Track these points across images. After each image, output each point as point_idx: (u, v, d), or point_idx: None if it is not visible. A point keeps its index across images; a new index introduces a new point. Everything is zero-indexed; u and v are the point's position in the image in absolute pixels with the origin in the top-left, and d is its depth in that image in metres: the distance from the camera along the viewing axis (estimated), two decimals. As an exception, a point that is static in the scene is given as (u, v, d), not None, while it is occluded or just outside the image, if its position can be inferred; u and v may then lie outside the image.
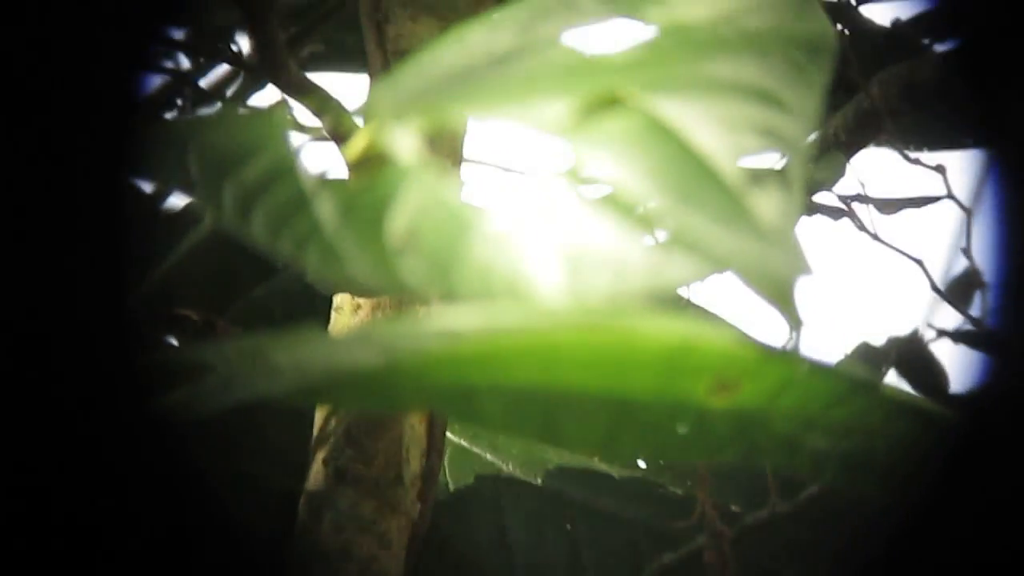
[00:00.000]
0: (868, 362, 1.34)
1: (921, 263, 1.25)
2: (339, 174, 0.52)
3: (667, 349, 0.47)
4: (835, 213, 1.28)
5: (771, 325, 0.51)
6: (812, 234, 1.30)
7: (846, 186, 1.28)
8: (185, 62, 1.36)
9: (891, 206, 1.28)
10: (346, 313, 0.91)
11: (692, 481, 1.21)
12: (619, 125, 0.51)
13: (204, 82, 1.37)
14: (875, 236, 1.27)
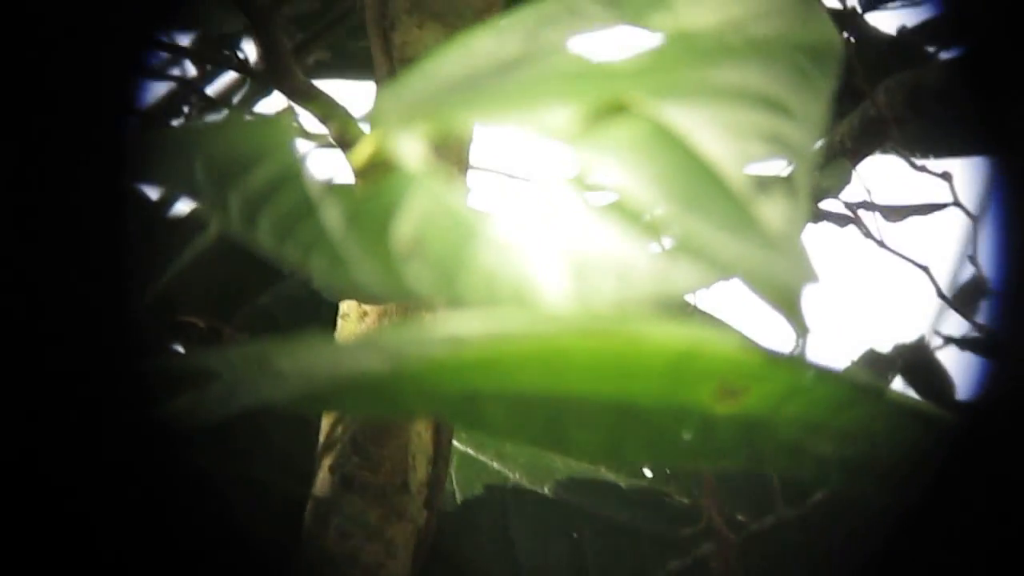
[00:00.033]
0: (874, 369, 1.34)
1: (927, 270, 1.25)
2: (345, 181, 0.52)
3: (672, 355, 0.47)
4: (841, 220, 1.28)
5: (778, 332, 0.51)
6: (818, 241, 1.30)
7: (852, 193, 1.28)
8: (191, 69, 1.36)
9: (897, 213, 1.28)
10: (352, 320, 0.91)
11: (698, 490, 1.21)
12: (625, 132, 0.51)
13: (210, 89, 1.37)
14: (881, 243, 1.27)
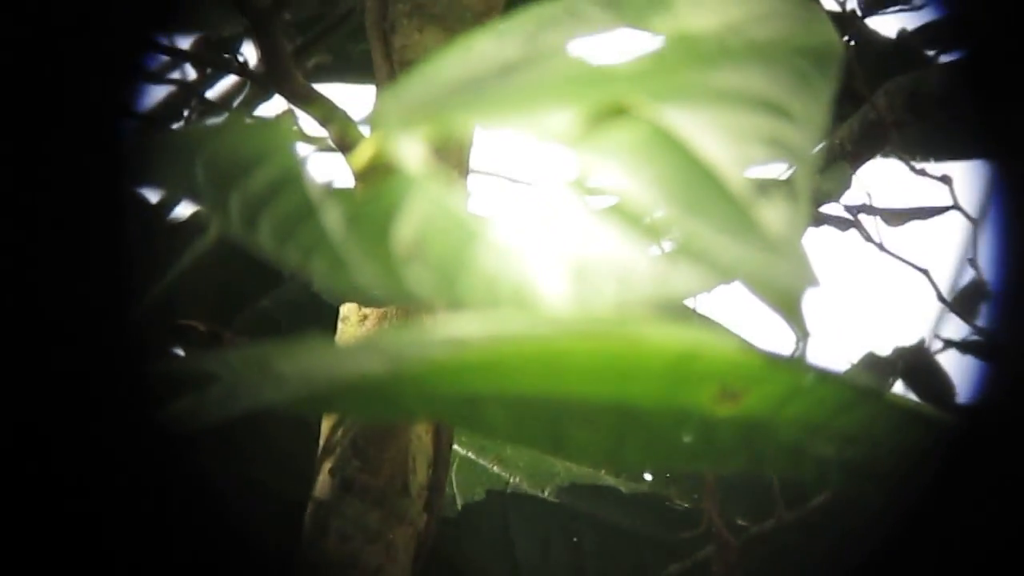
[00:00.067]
0: (875, 372, 1.34)
1: (927, 273, 1.25)
2: (345, 184, 0.52)
3: (672, 357, 0.47)
4: (842, 224, 1.28)
5: (778, 335, 0.51)
6: (819, 245, 1.30)
7: (853, 197, 1.29)
8: (192, 72, 1.36)
9: (897, 217, 1.29)
10: (353, 323, 0.91)
11: (698, 494, 1.21)
12: (626, 135, 0.51)
13: (211, 92, 1.37)
14: (881, 246, 1.27)
